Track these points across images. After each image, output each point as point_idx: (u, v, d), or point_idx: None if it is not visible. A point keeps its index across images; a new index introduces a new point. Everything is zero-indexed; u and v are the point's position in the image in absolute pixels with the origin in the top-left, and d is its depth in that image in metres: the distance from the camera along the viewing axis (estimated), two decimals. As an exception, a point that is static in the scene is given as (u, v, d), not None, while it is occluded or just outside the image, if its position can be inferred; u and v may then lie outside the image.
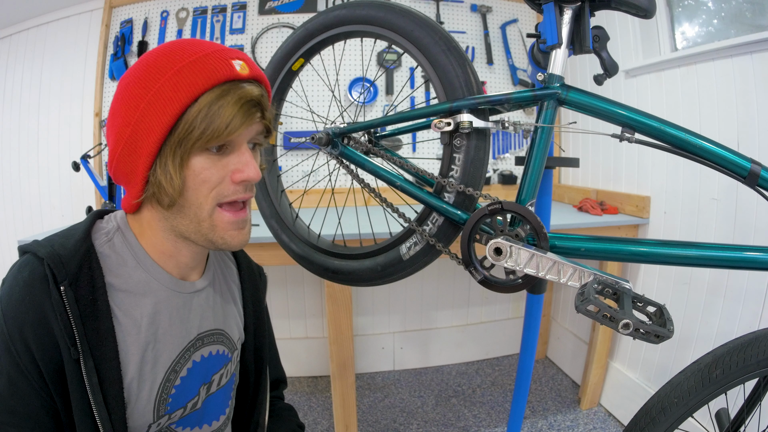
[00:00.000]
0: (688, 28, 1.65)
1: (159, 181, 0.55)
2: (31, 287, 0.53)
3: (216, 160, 0.56)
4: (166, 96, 0.53)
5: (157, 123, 0.53)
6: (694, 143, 0.65)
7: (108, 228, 0.61)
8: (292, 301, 2.21)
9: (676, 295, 1.57)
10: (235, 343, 0.74)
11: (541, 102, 0.72)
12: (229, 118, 0.54)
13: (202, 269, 0.69)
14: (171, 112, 0.53)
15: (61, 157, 2.08)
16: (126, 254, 0.60)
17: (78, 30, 2.07)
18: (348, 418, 1.61)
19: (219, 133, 0.54)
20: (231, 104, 0.54)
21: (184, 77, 0.53)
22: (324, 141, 0.86)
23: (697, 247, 0.64)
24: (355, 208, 1.14)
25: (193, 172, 0.55)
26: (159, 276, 0.62)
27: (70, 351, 0.52)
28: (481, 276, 0.72)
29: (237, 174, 0.57)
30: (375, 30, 0.82)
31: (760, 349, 0.70)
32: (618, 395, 1.83)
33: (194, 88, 0.53)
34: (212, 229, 0.59)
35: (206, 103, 0.53)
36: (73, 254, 0.55)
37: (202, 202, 0.57)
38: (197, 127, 0.53)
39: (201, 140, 0.54)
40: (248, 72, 0.57)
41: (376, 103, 2.14)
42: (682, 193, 1.54)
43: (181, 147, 0.54)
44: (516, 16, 2.24)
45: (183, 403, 0.64)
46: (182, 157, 0.54)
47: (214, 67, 0.54)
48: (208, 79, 0.53)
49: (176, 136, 0.54)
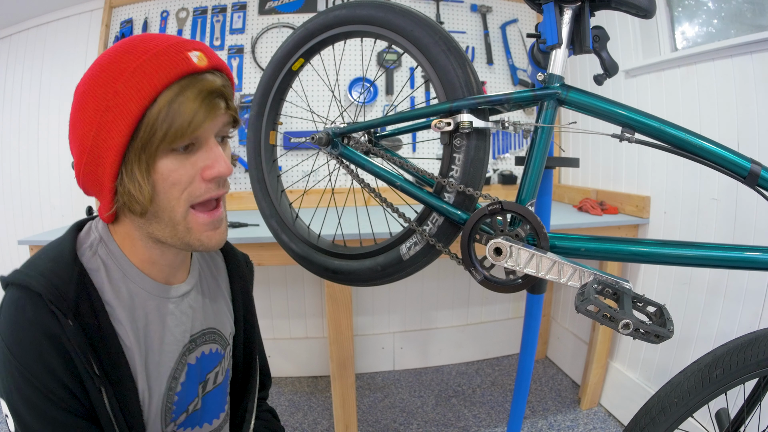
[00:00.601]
0: (688, 28, 1.65)
1: (128, 191, 0.52)
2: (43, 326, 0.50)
3: (184, 159, 0.54)
4: (123, 99, 0.50)
5: (117, 129, 0.50)
6: (694, 143, 0.65)
7: (91, 240, 0.60)
8: (292, 301, 2.21)
9: (676, 295, 1.57)
10: (227, 338, 0.74)
11: (541, 102, 0.72)
12: (191, 114, 0.51)
13: (186, 269, 0.68)
14: (130, 116, 0.50)
15: (61, 158, 2.08)
16: (111, 266, 0.59)
17: (78, 30, 2.07)
18: (348, 418, 1.61)
19: (183, 131, 0.51)
20: (192, 99, 0.51)
21: (140, 77, 0.50)
22: (324, 141, 0.86)
23: (697, 247, 0.64)
24: (355, 208, 1.14)
25: (162, 176, 0.53)
26: (145, 285, 0.60)
27: (94, 381, 0.52)
28: (481, 276, 0.72)
29: (207, 171, 0.54)
30: (375, 30, 0.82)
31: (760, 349, 0.70)
32: (618, 395, 1.83)
33: (151, 88, 0.50)
34: (188, 232, 0.57)
35: (166, 101, 0.50)
36: (68, 282, 0.53)
37: (174, 206, 0.54)
38: (159, 128, 0.50)
39: (165, 141, 0.51)
40: (207, 63, 0.54)
41: (376, 103, 2.14)
42: (682, 193, 1.54)
43: (146, 151, 0.51)
44: (516, 16, 2.24)
45: (185, 407, 0.65)
46: (148, 162, 0.52)
47: (171, 63, 0.51)
48: (165, 76, 0.50)
49: (139, 141, 0.51)
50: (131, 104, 0.50)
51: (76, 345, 0.51)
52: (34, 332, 0.50)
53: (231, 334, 0.75)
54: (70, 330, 0.50)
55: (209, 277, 0.74)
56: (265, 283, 2.16)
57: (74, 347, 0.51)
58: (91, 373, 0.51)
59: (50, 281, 0.52)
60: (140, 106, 0.50)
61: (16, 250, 2.16)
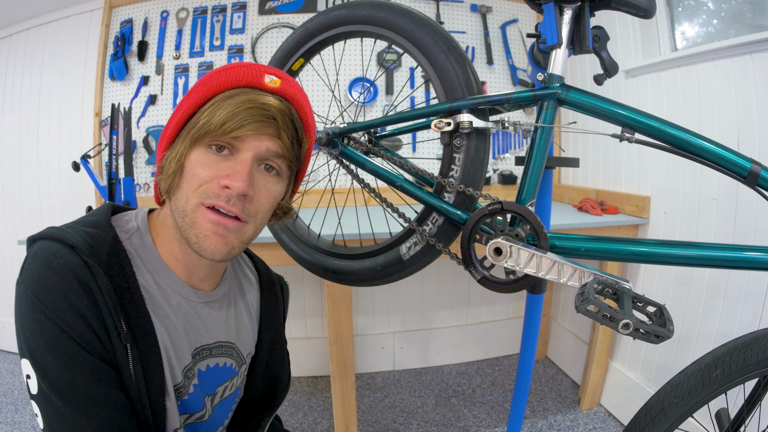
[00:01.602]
0: (688, 28, 1.65)
1: (169, 159, 0.57)
2: (75, 273, 0.50)
3: (214, 160, 0.55)
4: (198, 89, 0.57)
5: (182, 108, 0.58)
6: (694, 143, 0.65)
7: (128, 227, 0.61)
8: (292, 301, 2.19)
9: (676, 295, 1.57)
10: (245, 357, 0.73)
11: (541, 102, 0.72)
12: (228, 116, 0.53)
13: (215, 281, 0.68)
14: (192, 101, 0.57)
15: (61, 157, 2.08)
16: (144, 256, 0.59)
17: (78, 30, 2.07)
18: (348, 418, 1.61)
19: (214, 127, 0.54)
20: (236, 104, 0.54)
21: (217, 77, 0.57)
22: (324, 141, 0.86)
23: (697, 247, 0.64)
24: (355, 208, 1.14)
25: (191, 162, 0.56)
26: (171, 282, 0.60)
27: (120, 336, 0.51)
28: (481, 276, 0.72)
29: (223, 178, 0.55)
30: (375, 30, 0.82)
31: (760, 349, 0.70)
32: (618, 395, 1.83)
33: (216, 86, 0.56)
34: (192, 225, 0.56)
35: (219, 99, 0.55)
36: (102, 243, 0.54)
37: (189, 196, 0.56)
38: (201, 119, 0.55)
39: (201, 132, 0.54)
40: (278, 86, 0.58)
41: (376, 103, 2.14)
42: (682, 193, 1.54)
43: (190, 134, 0.56)
44: (516, 16, 2.24)
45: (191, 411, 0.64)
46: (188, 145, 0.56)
47: (244, 73, 0.57)
48: (232, 80, 0.56)
49: (191, 123, 0.56)
50: (198, 93, 0.57)
51: (107, 297, 0.51)
52: (65, 276, 0.49)
53: (249, 354, 0.74)
54: (102, 281, 0.51)
55: (238, 293, 0.73)
56: (265, 283, 2.16)
57: (104, 299, 0.51)
58: (119, 327, 0.51)
59: (83, 238, 0.53)
60: (203, 96, 0.57)
61: (16, 250, 2.16)
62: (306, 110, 0.61)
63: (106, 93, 2.05)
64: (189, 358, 0.62)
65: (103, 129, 2.01)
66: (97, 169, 2.02)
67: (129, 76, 2.05)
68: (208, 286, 0.66)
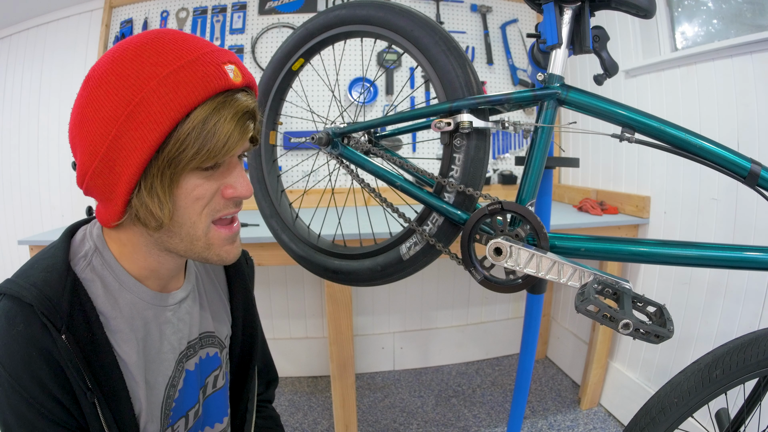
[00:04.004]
0: (688, 28, 1.65)
1: (145, 205, 0.49)
2: (34, 340, 0.49)
3: (209, 175, 0.52)
4: (152, 109, 0.46)
5: (142, 141, 0.46)
6: (694, 143, 0.65)
7: (85, 249, 0.57)
8: (292, 301, 2.21)
9: (676, 295, 1.57)
10: (223, 341, 0.73)
11: (541, 102, 0.72)
12: (226, 136, 0.49)
13: (182, 275, 0.66)
14: (159, 129, 0.46)
15: (61, 158, 2.08)
16: (108, 277, 0.56)
17: (78, 30, 2.07)
18: (348, 418, 1.61)
19: (216, 152, 0.49)
20: (228, 120, 0.49)
21: (173, 86, 0.46)
22: (324, 141, 0.86)
23: (697, 247, 0.64)
24: (355, 208, 1.14)
25: (185, 192, 0.51)
26: (143, 294, 0.59)
27: (86, 395, 0.51)
28: (481, 276, 0.72)
29: (229, 189, 0.54)
30: (375, 30, 0.82)
31: (760, 349, 0.70)
32: (618, 395, 1.83)
33: (185, 101, 0.46)
34: (208, 248, 0.56)
35: (200, 119, 0.47)
36: (61, 293, 0.51)
37: (195, 221, 0.53)
38: (190, 146, 0.47)
39: (195, 160, 0.48)
40: (241, 79, 0.51)
41: (376, 103, 2.14)
42: (682, 193, 1.54)
43: (171, 167, 0.48)
44: (516, 16, 2.24)
45: (183, 412, 0.64)
46: (172, 179, 0.49)
47: (208, 75, 0.47)
48: (201, 90, 0.47)
49: (165, 156, 0.47)
50: (161, 116, 0.46)
51: (67, 359, 0.49)
52: (25, 345, 0.49)
53: (227, 336, 0.74)
54: (61, 344, 0.49)
55: (206, 279, 0.72)
56: (265, 283, 2.16)
57: (66, 361, 0.49)
58: (84, 387, 0.50)
59: (42, 292, 0.50)
60: (171, 119, 0.46)
61: (16, 250, 2.16)
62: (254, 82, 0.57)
63: (106, 93, 2.05)
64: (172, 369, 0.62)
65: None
66: (97, 169, 2.02)
67: (129, 76, 2.04)
68: (177, 283, 0.65)
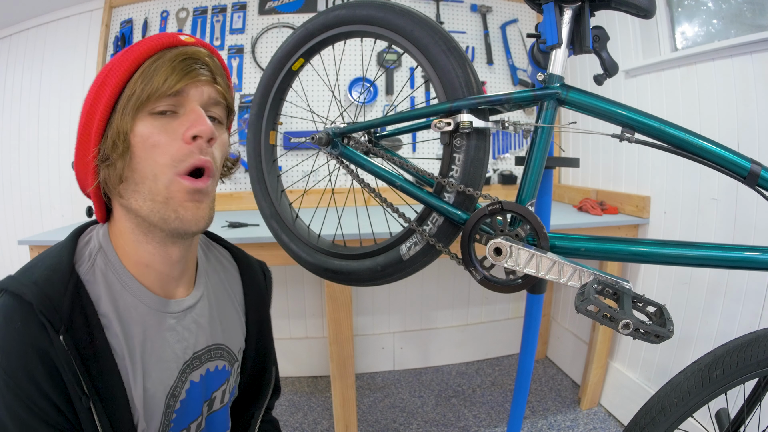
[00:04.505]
0: (688, 28, 1.65)
1: (107, 154, 0.53)
2: (31, 338, 0.49)
3: (165, 123, 0.54)
4: (112, 72, 0.54)
5: (104, 96, 0.54)
6: (694, 143, 0.65)
7: (90, 248, 0.58)
8: (292, 301, 2.21)
9: (676, 295, 1.57)
10: (236, 354, 0.71)
11: (541, 102, 0.72)
12: (166, 74, 0.53)
13: (190, 282, 0.65)
14: (114, 83, 0.53)
15: (61, 158, 2.08)
16: (111, 277, 0.57)
17: (78, 30, 2.07)
18: (348, 418, 1.61)
19: (157, 89, 0.52)
20: (168, 60, 0.54)
21: (129, 53, 0.54)
22: (324, 141, 0.85)
23: (697, 247, 0.64)
24: (355, 208, 1.14)
25: (142, 138, 0.53)
26: (145, 299, 0.58)
27: (81, 399, 0.50)
28: (481, 276, 0.72)
29: (188, 130, 0.54)
30: (375, 30, 0.82)
31: (760, 349, 0.70)
32: (618, 395, 1.83)
33: (136, 58, 0.54)
34: (166, 203, 0.54)
35: (146, 66, 0.54)
36: (62, 293, 0.51)
37: (157, 173, 0.53)
38: (137, 89, 0.52)
39: (142, 101, 0.52)
40: (194, 41, 0.58)
41: (376, 103, 2.14)
42: (682, 193, 1.54)
43: (125, 114, 0.53)
44: (516, 16, 2.24)
45: (185, 424, 0.63)
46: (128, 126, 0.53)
47: (158, 38, 0.55)
48: (149, 48, 0.54)
49: (120, 105, 0.53)
50: (117, 74, 0.54)
51: (64, 361, 0.49)
52: (21, 344, 0.49)
53: (240, 349, 0.73)
54: (59, 345, 0.49)
55: (220, 289, 0.71)
56: (265, 283, 2.16)
57: (62, 363, 0.49)
58: (80, 391, 0.50)
59: (43, 291, 0.50)
60: (125, 73, 0.53)
61: (16, 250, 2.16)
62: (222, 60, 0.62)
63: (106, 93, 2.05)
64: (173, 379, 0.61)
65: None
66: (97, 169, 2.02)
67: (129, 76, 2.04)
68: (184, 290, 0.64)
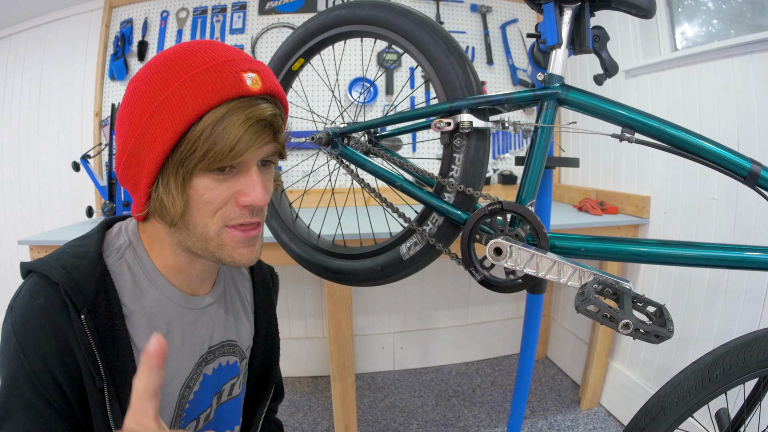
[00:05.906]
0: (688, 28, 1.65)
1: (161, 199, 0.52)
2: (50, 315, 0.50)
3: (222, 180, 0.53)
4: (170, 110, 0.50)
5: (159, 139, 0.50)
6: (694, 143, 0.65)
7: (119, 243, 0.60)
8: (292, 301, 2.21)
9: (676, 295, 1.57)
10: (244, 352, 0.73)
11: (541, 102, 0.72)
12: (234, 141, 0.50)
13: (212, 281, 0.68)
14: (173, 129, 0.50)
15: (61, 158, 2.08)
16: (138, 272, 0.58)
17: (78, 30, 2.07)
18: (348, 418, 1.61)
19: (223, 155, 0.50)
20: (237, 125, 0.50)
21: (189, 91, 0.49)
22: (324, 141, 0.86)
23: (697, 247, 0.64)
24: (355, 208, 1.14)
25: (197, 192, 0.52)
26: (170, 294, 0.60)
27: (95, 380, 0.51)
28: (481, 276, 0.72)
29: (242, 197, 0.54)
30: (375, 30, 0.82)
31: (760, 349, 0.70)
32: (618, 395, 1.83)
33: (199, 104, 0.49)
34: (220, 248, 0.56)
35: (211, 121, 0.50)
36: (89, 278, 0.53)
37: (207, 223, 0.54)
38: (200, 148, 0.50)
39: (204, 161, 0.50)
40: (261, 87, 0.52)
41: (376, 103, 2.14)
42: (682, 193, 1.54)
43: (183, 167, 0.51)
44: (516, 16, 2.24)
45: (195, 415, 0.64)
46: (184, 177, 0.51)
47: (222, 81, 0.50)
48: (214, 94, 0.50)
49: (178, 155, 0.50)
50: (176, 117, 0.49)
51: (81, 340, 0.50)
52: (40, 318, 0.50)
53: (248, 347, 0.75)
54: (77, 324, 0.50)
55: (233, 289, 0.73)
56: (265, 283, 2.16)
57: (78, 342, 0.50)
58: (93, 371, 0.51)
59: (71, 275, 0.52)
60: (185, 121, 0.49)
61: (16, 250, 2.16)
62: (282, 94, 0.59)
63: (106, 93, 2.05)
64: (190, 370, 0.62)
65: (103, 129, 2.01)
66: (97, 169, 2.02)
67: (129, 76, 2.04)
68: (207, 288, 0.66)
